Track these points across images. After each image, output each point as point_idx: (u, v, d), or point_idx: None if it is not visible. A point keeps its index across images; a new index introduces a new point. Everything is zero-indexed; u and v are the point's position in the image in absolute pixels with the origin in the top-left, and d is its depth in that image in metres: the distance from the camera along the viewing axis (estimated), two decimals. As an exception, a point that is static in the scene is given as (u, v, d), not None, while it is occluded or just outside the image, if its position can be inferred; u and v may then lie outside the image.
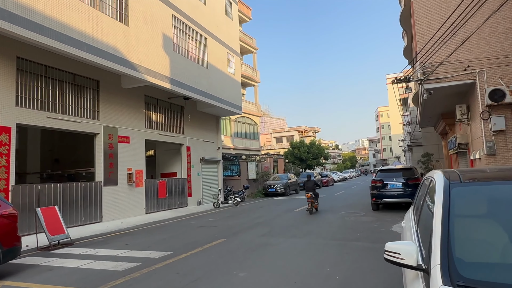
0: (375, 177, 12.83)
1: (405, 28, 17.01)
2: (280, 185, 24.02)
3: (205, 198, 18.90)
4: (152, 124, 15.44)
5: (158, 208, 15.29)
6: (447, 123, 16.45)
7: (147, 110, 15.18)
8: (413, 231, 2.86)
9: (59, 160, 17.55)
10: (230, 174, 26.26)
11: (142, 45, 12.82)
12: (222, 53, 19.21)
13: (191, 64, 16.09)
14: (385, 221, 10.26)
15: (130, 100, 14.06)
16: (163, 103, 16.30)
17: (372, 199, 12.62)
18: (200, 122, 19.16)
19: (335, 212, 13.04)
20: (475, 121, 11.41)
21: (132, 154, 13.96)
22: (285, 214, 13.01)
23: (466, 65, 10.64)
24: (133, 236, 9.86)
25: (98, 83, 12.64)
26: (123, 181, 13.38)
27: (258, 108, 35.03)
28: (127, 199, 13.53)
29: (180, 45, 15.52)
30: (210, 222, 12.06)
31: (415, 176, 12.27)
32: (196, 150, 18.49)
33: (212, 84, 17.69)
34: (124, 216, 13.23)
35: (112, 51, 11.34)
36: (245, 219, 12.31)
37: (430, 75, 11.03)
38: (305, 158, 40.26)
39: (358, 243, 7.31)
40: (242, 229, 9.86)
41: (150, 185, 14.95)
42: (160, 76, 13.69)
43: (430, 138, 23.92)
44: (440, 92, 11.56)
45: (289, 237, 8.38)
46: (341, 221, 10.77)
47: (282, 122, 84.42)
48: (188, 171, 17.78)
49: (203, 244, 7.85)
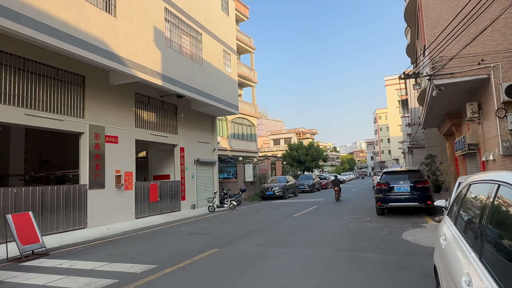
0: (380, 180, 12.02)
1: (409, 24, 16.29)
2: (278, 188, 23.19)
3: (199, 201, 18.01)
4: (143, 123, 14.56)
5: (149, 213, 14.39)
6: (453, 123, 15.69)
7: (137, 108, 14.30)
8: (473, 261, 2.01)
9: (48, 162, 16.63)
10: (226, 176, 25.42)
11: (131, 38, 11.98)
12: (218, 50, 18.39)
13: (184, 60, 15.26)
14: (393, 228, 9.44)
15: (119, 98, 13.19)
16: (155, 102, 15.43)
17: (377, 203, 11.80)
18: (195, 122, 18.30)
19: (338, 217, 12.21)
20: (488, 120, 10.64)
21: (121, 155, 13.07)
22: (284, 220, 12.17)
23: (479, 59, 9.87)
24: (117, 244, 8.97)
25: (83, 78, 11.77)
26: (110, 184, 12.49)
27: (255, 109, 34.24)
28: (115, 203, 12.63)
29: (173, 40, 14.68)
30: (203, 228, 11.18)
31: (423, 179, 11.46)
32: (190, 151, 17.62)
33: (207, 82, 16.85)
34: (111, 222, 12.33)
35: (98, 43, 10.48)
36: (241, 225, 11.45)
37: (441, 70, 10.25)
38: (304, 160, 39.46)
39: (368, 255, 6.47)
40: (237, 237, 9.00)
41: (140, 188, 14.05)
42: (151, 72, 12.84)
43: (433, 140, 23.18)
44: (450, 88, 10.78)
45: (290, 246, 7.53)
46: (345, 227, 9.93)
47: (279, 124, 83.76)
48: (182, 173, 16.90)
49: (192, 256, 6.98)
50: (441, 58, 10.24)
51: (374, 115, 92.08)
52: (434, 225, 9.54)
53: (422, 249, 6.85)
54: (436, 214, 11.40)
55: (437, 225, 9.52)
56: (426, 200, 11.01)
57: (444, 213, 6.02)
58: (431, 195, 11.26)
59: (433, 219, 10.38)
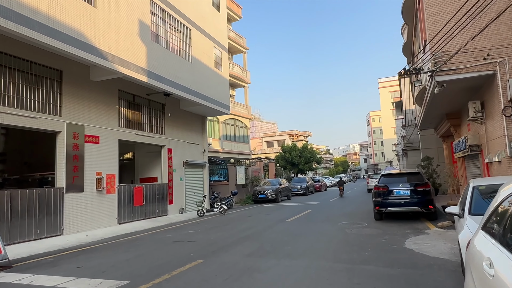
0: (378, 183, 11.35)
1: (407, 21, 15.73)
2: (271, 191, 22.44)
3: (188, 205, 17.18)
4: (127, 122, 13.72)
5: (133, 218, 13.53)
6: (452, 123, 15.12)
7: (121, 107, 13.46)
8: None
9: (29, 163, 15.66)
10: (217, 179, 24.60)
11: (113, 31, 11.17)
12: (208, 47, 17.64)
13: (172, 57, 14.47)
14: (393, 235, 8.74)
15: (101, 95, 12.35)
16: (141, 100, 14.60)
17: (375, 207, 11.11)
18: (184, 122, 17.49)
19: (333, 222, 11.49)
20: (492, 119, 10.03)
21: (103, 156, 12.22)
22: (276, 225, 11.41)
23: (484, 54, 9.26)
24: (92, 254, 8.13)
25: (60, 73, 10.92)
26: (90, 187, 11.62)
27: (248, 110, 33.51)
28: (95, 207, 11.76)
29: (160, 34, 13.89)
30: (190, 235, 10.37)
31: (424, 182, 10.81)
32: (179, 153, 16.80)
33: (196, 80, 16.07)
34: (91, 228, 11.46)
35: (75, 34, 9.65)
36: (231, 231, 10.67)
37: (443, 66, 9.62)
38: (297, 163, 38.80)
39: (370, 268, 5.74)
40: (225, 246, 8.22)
41: (124, 191, 13.19)
42: (135, 68, 12.03)
43: (430, 141, 22.63)
44: (453, 86, 10.15)
45: (282, 257, 6.78)
46: (342, 234, 9.21)
47: (273, 126, 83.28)
48: (170, 176, 16.07)
49: (172, 269, 6.18)
50: (443, 53, 9.61)
51: (368, 118, 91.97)
52: (437, 232, 8.87)
53: (428, 260, 6.15)
54: (438, 219, 10.75)
55: (440, 232, 8.87)
56: (428, 205, 10.36)
57: (456, 220, 5.02)
58: (433, 199, 10.61)
59: (435, 225, 9.71)
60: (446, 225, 9.41)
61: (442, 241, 7.69)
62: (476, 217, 4.54)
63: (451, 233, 8.57)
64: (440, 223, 9.60)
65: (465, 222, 4.61)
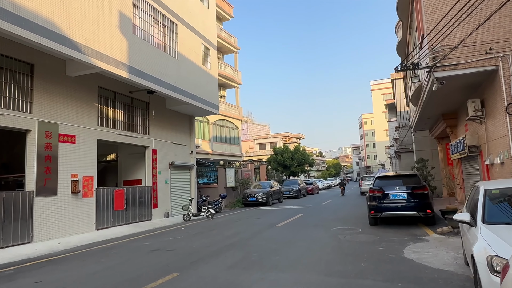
0: (373, 186, 10.70)
1: (402, 18, 15.20)
2: (262, 194, 21.71)
3: (174, 209, 16.35)
4: (107, 121, 12.88)
5: (113, 223, 12.66)
6: (448, 124, 14.58)
7: (101, 104, 12.63)
8: None
9: (7, 165, 14.68)
10: (206, 181, 23.81)
11: (90, 22, 10.37)
12: (196, 43, 16.89)
13: (156, 52, 13.69)
14: (390, 242, 8.08)
15: (78, 92, 11.52)
16: (123, 98, 13.77)
17: (369, 212, 10.45)
18: (170, 122, 16.69)
19: (326, 227, 10.80)
20: (493, 118, 9.46)
21: (79, 157, 11.37)
22: (265, 231, 10.68)
23: (486, 48, 8.69)
24: (58, 265, 7.30)
25: (31, 67, 10.07)
26: (65, 190, 10.76)
27: (239, 111, 32.79)
28: (70, 212, 10.89)
29: (143, 28, 13.11)
30: (170, 242, 9.57)
31: (422, 185, 10.18)
32: (164, 154, 15.98)
33: (182, 77, 15.30)
34: (65, 234, 10.59)
35: (45, 24, 8.84)
36: (215, 237, 9.90)
37: (442, 61, 9.02)
38: (289, 165, 38.14)
39: (367, 283, 5.05)
40: (207, 255, 7.46)
41: (103, 194, 12.33)
42: (114, 62, 11.23)
43: (424, 143, 22.15)
44: (452, 83, 9.57)
45: (269, 269, 6.05)
46: (335, 241, 8.52)
47: (265, 128, 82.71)
48: (154, 178, 15.23)
49: (143, 284, 5.40)
50: (442, 47, 9.02)
51: (360, 120, 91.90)
52: (437, 239, 8.23)
53: (432, 272, 5.49)
54: (436, 224, 10.13)
55: (441, 239, 8.22)
56: (426, 209, 9.73)
57: (463, 229, 4.04)
58: (431, 203, 9.99)
59: (434, 231, 9.08)
60: (446, 231, 8.78)
61: (443, 250, 7.04)
62: (493, 227, 3.88)
63: (452, 240, 7.94)
64: (440, 229, 8.97)
65: (478, 232, 3.95)
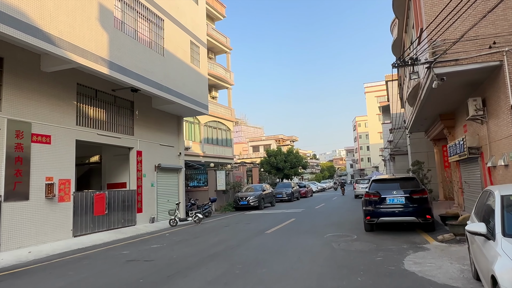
0: (368, 190, 10.06)
1: (398, 15, 14.67)
2: (253, 197, 21.00)
3: (160, 214, 15.57)
4: (87, 121, 12.11)
5: (93, 229, 11.86)
6: (446, 125, 14.02)
7: (80, 103, 11.86)
8: None
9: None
10: (196, 184, 23.03)
11: (65, 13, 9.62)
12: (184, 41, 16.18)
13: (141, 48, 12.95)
14: (388, 251, 7.43)
15: (54, 89, 10.74)
16: (105, 96, 13.01)
17: (365, 217, 9.81)
18: (157, 122, 15.93)
19: (319, 234, 10.14)
20: (496, 118, 8.90)
21: (55, 158, 10.58)
22: (254, 238, 9.97)
23: (490, 42, 8.12)
24: (18, 279, 6.51)
25: (1, 61, 9.29)
26: (38, 195, 9.96)
27: (231, 112, 32.11)
28: (44, 218, 10.08)
29: (126, 23, 12.38)
30: (150, 251, 8.82)
31: (421, 189, 9.56)
32: (150, 156, 15.21)
33: (169, 75, 14.57)
34: (38, 242, 9.77)
35: (12, 12, 8.08)
36: (200, 245, 9.17)
37: (443, 56, 8.44)
38: (282, 167, 37.49)
39: (365, 303, 4.37)
40: (187, 267, 6.73)
41: (81, 199, 11.53)
42: (93, 57, 10.48)
43: (419, 145, 21.65)
44: (452, 80, 8.99)
45: (254, 285, 5.35)
46: (329, 250, 7.85)
47: (259, 131, 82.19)
48: (139, 181, 14.45)
49: (106, 305, 4.68)
50: (443, 41, 8.44)
51: (354, 123, 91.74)
52: (439, 247, 7.60)
53: (437, 288, 4.84)
54: (436, 230, 9.53)
55: (442, 247, 7.59)
56: (425, 214, 9.11)
57: (475, 241, 3.29)
58: (431, 208, 9.38)
59: (434, 238, 8.45)
60: (447, 238, 8.16)
61: (447, 260, 6.41)
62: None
63: (455, 249, 7.32)
64: (441, 236, 8.34)
65: (499, 247, 3.30)
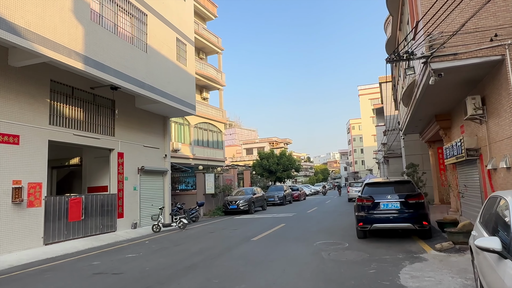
0: (361, 194, 9.40)
1: (392, 12, 14.12)
2: (243, 201, 20.27)
3: (143, 219, 14.77)
4: (62, 120, 11.32)
5: (67, 236, 11.06)
6: (442, 126, 13.46)
7: (54, 101, 11.08)
8: None
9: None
10: (185, 187, 22.25)
11: (34, 3, 8.86)
12: (170, 37, 15.47)
13: (121, 43, 12.21)
14: (382, 262, 6.76)
15: (24, 85, 9.96)
16: (82, 94, 12.24)
17: (358, 223, 9.14)
18: (140, 123, 15.16)
19: (308, 241, 9.44)
20: (497, 117, 8.31)
21: (24, 160, 9.78)
22: (238, 247, 9.24)
23: (491, 34, 7.53)
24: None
25: (-39, 53, 8.53)
26: (3, 200, 9.14)
27: (223, 113, 31.39)
28: (10, 225, 9.27)
29: (105, 16, 11.64)
30: (122, 262, 8.05)
31: (417, 193, 8.92)
32: (132, 158, 14.43)
33: (153, 73, 13.84)
34: (2, 251, 8.95)
35: (-31, -2, 7.35)
36: (178, 255, 8.42)
37: (440, 50, 7.83)
38: (275, 170, 36.79)
39: (355, 331, 3.68)
40: (158, 281, 5.99)
41: (54, 204, 10.73)
42: (66, 51, 9.72)
43: (414, 147, 21.12)
44: (450, 76, 8.39)
45: (227, 305, 4.64)
46: (317, 260, 7.16)
47: (253, 133, 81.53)
48: (120, 185, 13.66)
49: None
50: (441, 34, 7.84)
51: (348, 125, 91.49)
52: (437, 257, 6.94)
53: (439, 310, 4.16)
54: (433, 237, 8.89)
55: (441, 257, 6.93)
56: (422, 220, 8.47)
57: (486, 256, 3.42)
58: (427, 214, 8.73)
59: (432, 247, 7.79)
60: (446, 247, 7.51)
61: (447, 273, 5.75)
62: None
63: (456, 260, 6.67)
64: (439, 244, 7.68)
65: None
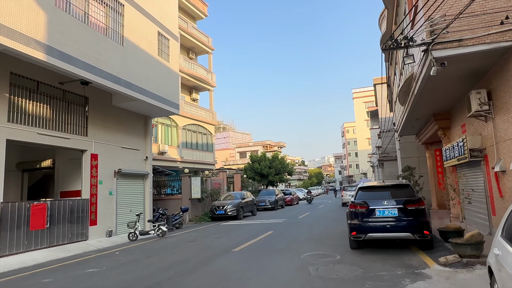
0: (354, 199, 8.40)
1: (387, 4, 13.29)
2: (231, 206, 19.18)
3: (120, 226, 13.62)
4: (24, 117, 10.21)
5: (28, 247, 9.90)
6: (440, 126, 12.55)
7: (15, 96, 9.98)
8: None
9: None
10: (170, 192, 21.13)
11: (-17, -18, 7.81)
12: (150, 31, 14.43)
13: (92, 34, 11.13)
14: (378, 279, 5.74)
15: (-23, 77, 8.87)
16: (50, 90, 11.15)
17: (351, 232, 8.12)
18: (119, 122, 14.06)
19: (295, 253, 8.40)
20: (506, 113, 7.39)
21: (-25, 161, 8.67)
22: (215, 259, 8.16)
23: (502, 17, 6.62)
24: None
25: None
26: None
27: (213, 115, 30.33)
28: (-44, 236, 8.14)
29: (74, 4, 10.59)
30: (80, 278, 6.94)
31: (416, 199, 7.93)
32: (108, 160, 13.31)
33: (129, 67, 12.77)
34: None
35: None
36: (145, 270, 7.32)
37: (443, 36, 6.90)
38: (267, 174, 35.73)
39: None
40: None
41: (12, 211, 9.58)
42: (24, 39, 8.64)
43: (410, 150, 20.23)
44: (453, 68, 7.47)
45: None
46: (303, 278, 6.11)
47: (247, 137, 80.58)
48: (93, 189, 12.53)
49: None
50: (443, 18, 6.91)
51: (342, 129, 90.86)
52: (442, 273, 5.94)
53: None
54: (434, 248, 7.90)
55: (447, 274, 5.91)
56: (422, 229, 7.47)
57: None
58: (429, 222, 7.74)
59: (435, 260, 6.79)
60: (451, 261, 6.51)
61: (457, 296, 4.74)
62: None
63: (464, 277, 5.67)
64: (443, 258, 6.67)
65: None
